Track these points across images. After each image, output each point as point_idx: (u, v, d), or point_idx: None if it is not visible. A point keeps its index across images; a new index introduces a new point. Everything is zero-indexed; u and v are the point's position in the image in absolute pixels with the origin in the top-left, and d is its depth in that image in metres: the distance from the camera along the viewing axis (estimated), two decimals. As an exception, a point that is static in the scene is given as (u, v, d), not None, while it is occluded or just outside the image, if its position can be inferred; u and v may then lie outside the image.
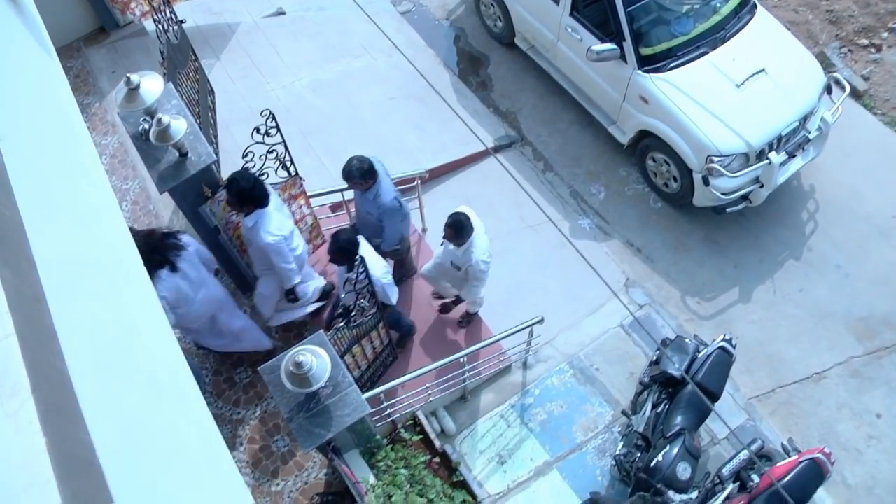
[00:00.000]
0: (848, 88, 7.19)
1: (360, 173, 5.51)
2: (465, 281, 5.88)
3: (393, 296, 5.58)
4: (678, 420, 5.62)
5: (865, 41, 8.53)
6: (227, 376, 6.27)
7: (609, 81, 7.33)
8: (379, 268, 5.39)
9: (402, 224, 6.01)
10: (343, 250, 5.17)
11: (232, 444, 5.94)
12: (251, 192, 5.09)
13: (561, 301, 6.91)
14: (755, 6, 7.32)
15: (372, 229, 5.96)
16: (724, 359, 5.81)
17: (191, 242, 5.33)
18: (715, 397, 5.74)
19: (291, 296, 5.85)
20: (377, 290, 5.31)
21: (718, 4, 7.20)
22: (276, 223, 5.29)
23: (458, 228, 5.39)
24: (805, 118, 6.88)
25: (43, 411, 1.13)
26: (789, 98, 6.80)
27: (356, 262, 5.22)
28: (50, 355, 1.33)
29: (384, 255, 6.31)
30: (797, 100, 6.81)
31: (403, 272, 6.74)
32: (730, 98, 6.78)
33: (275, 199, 5.38)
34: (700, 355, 5.86)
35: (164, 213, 6.99)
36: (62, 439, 1.16)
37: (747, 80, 6.82)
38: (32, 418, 1.11)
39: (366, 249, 5.38)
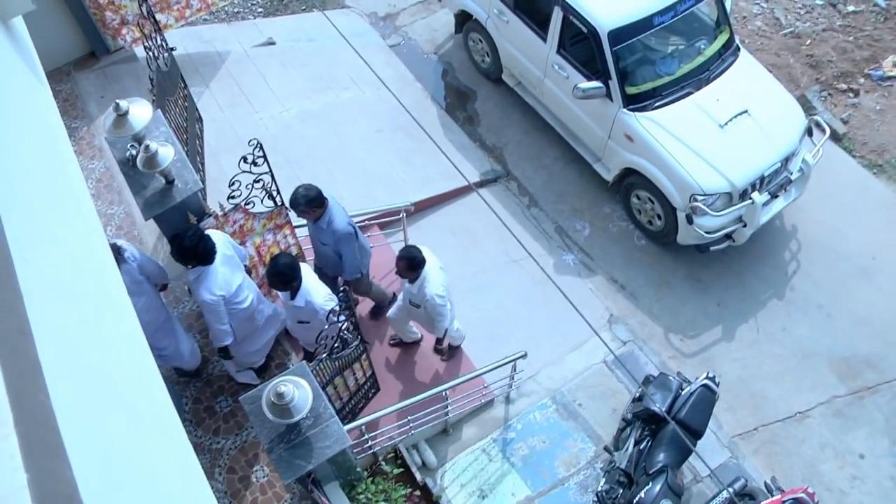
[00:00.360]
0: (828, 131, 7.34)
1: (306, 201, 5.35)
2: (430, 319, 5.85)
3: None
4: (661, 457, 5.60)
5: (844, 86, 8.73)
6: (208, 405, 6.19)
7: (594, 119, 7.42)
8: (321, 295, 5.22)
9: (361, 253, 5.88)
10: (280, 274, 5.02)
11: (210, 474, 5.83)
12: (194, 251, 4.92)
13: (545, 336, 6.91)
14: (738, 48, 7.47)
15: (332, 263, 5.83)
16: (708, 396, 5.82)
17: (134, 256, 5.24)
18: (698, 435, 5.74)
19: (222, 353, 5.61)
20: (320, 319, 5.14)
21: (703, 46, 7.34)
22: (220, 281, 5.07)
23: (410, 261, 5.34)
24: (787, 159, 7.00)
25: (25, 446, 1.11)
26: (772, 139, 6.91)
27: (297, 288, 5.10)
28: (34, 389, 1.30)
29: (352, 287, 6.17)
30: (779, 141, 6.93)
31: (375, 306, 6.63)
32: (713, 138, 6.88)
33: (225, 250, 5.17)
34: (683, 392, 5.86)
35: (149, 239, 6.94)
36: (44, 475, 1.14)
37: (730, 120, 6.93)
38: (14, 453, 1.08)
39: (307, 275, 5.26)
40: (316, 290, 5.20)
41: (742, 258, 7.45)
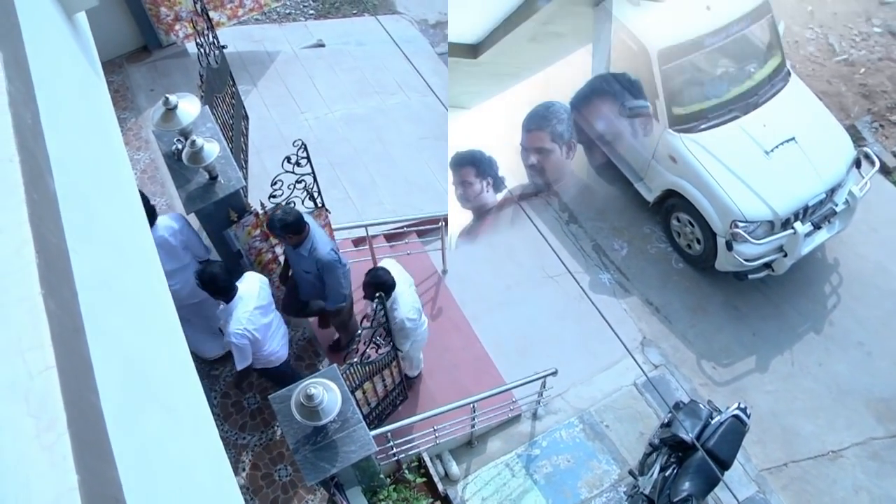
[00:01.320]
0: (878, 164, 7.19)
1: (282, 226, 4.98)
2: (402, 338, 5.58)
3: (239, 362, 4.99)
4: (686, 486, 5.52)
5: (898, 118, 8.55)
6: (236, 400, 6.24)
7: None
8: (237, 322, 4.86)
9: (345, 280, 5.45)
10: (200, 283, 4.84)
11: (234, 469, 5.88)
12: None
13: (575, 354, 6.85)
14: (789, 74, 7.36)
15: (311, 289, 5.56)
16: (738, 427, 5.72)
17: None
18: (726, 465, 5.64)
19: None
20: (226, 341, 4.99)
21: (753, 70, 7.24)
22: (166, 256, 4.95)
23: (377, 286, 4.96)
24: (833, 190, 6.86)
25: (77, 447, 1.12)
26: (818, 169, 6.79)
27: (227, 301, 4.88)
28: (85, 389, 1.32)
29: (329, 315, 5.95)
30: (826, 171, 6.80)
31: (346, 338, 6.19)
32: (758, 164, 6.78)
33: (169, 237, 5.19)
34: (713, 421, 5.77)
35: (189, 232, 7.04)
36: (93, 476, 1.15)
37: (777, 147, 6.82)
38: (67, 454, 1.10)
39: (247, 299, 4.94)
40: (237, 318, 4.87)
41: (781, 289, 7.31)
